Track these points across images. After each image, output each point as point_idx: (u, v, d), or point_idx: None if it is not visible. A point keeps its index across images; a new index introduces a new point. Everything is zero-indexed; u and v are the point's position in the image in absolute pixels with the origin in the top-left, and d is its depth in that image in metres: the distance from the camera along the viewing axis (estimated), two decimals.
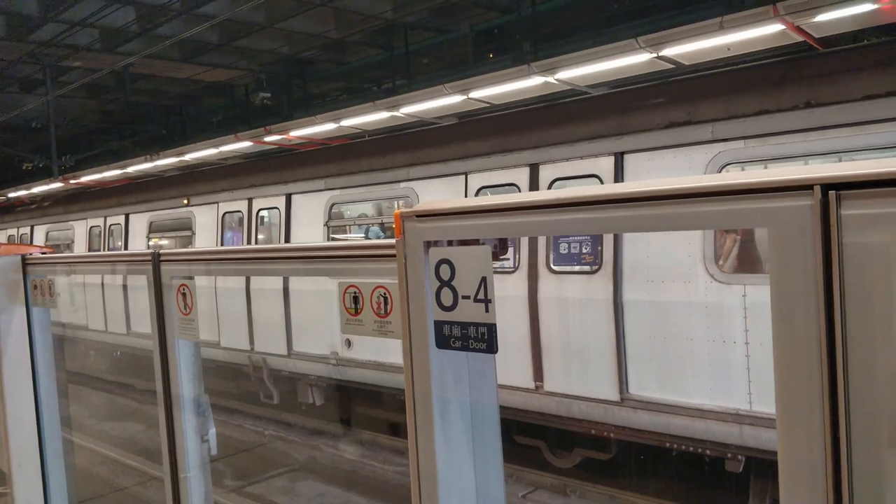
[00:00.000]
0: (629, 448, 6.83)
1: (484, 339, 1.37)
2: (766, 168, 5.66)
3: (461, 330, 1.40)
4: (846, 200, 0.96)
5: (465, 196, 7.49)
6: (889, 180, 0.92)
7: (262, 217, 10.26)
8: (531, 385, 6.81)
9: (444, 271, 1.42)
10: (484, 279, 1.36)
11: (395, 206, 8.79)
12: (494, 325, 1.36)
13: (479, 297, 1.37)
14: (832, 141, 5.25)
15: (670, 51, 5.95)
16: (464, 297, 1.39)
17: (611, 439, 6.69)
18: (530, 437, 7.38)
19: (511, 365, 6.85)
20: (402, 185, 8.23)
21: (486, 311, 1.36)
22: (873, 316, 0.94)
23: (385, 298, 1.68)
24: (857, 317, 0.96)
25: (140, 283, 2.53)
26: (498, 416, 1.57)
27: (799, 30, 5.40)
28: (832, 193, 0.96)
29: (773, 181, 1.02)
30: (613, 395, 6.26)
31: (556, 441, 7.29)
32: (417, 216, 1.47)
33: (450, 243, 1.45)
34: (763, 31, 5.41)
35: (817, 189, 0.98)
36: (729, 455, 5.81)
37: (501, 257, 1.45)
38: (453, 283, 1.41)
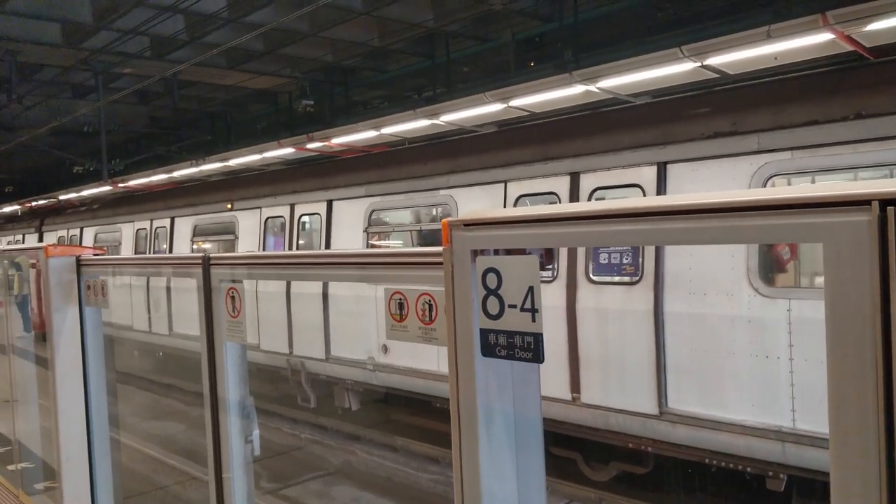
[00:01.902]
0: (667, 463, 6.72)
1: (530, 349, 1.37)
2: (813, 180, 5.54)
3: (507, 339, 1.41)
4: None
5: (504, 205, 7.48)
6: None
7: (304, 222, 10.40)
8: (568, 396, 6.76)
9: (491, 280, 1.43)
10: (531, 288, 1.36)
11: (434, 213, 8.83)
12: (541, 334, 1.36)
13: (525, 306, 1.37)
14: (884, 153, 5.11)
15: (715, 60, 5.87)
16: (510, 306, 1.40)
17: (648, 453, 6.59)
18: (566, 449, 7.32)
19: (548, 375, 6.80)
20: (442, 192, 8.27)
21: (533, 320, 1.36)
22: None
23: (430, 305, 1.69)
24: None
25: (185, 286, 2.59)
26: (541, 427, 1.57)
27: (849, 39, 5.28)
28: (891, 209, 0.94)
29: (829, 196, 1.01)
30: (652, 408, 6.17)
31: (593, 453, 7.21)
32: (465, 225, 1.48)
33: (496, 252, 1.46)
34: (812, 41, 5.31)
35: (875, 205, 0.96)
36: (770, 473, 5.67)
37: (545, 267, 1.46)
38: (500, 291, 1.41)
